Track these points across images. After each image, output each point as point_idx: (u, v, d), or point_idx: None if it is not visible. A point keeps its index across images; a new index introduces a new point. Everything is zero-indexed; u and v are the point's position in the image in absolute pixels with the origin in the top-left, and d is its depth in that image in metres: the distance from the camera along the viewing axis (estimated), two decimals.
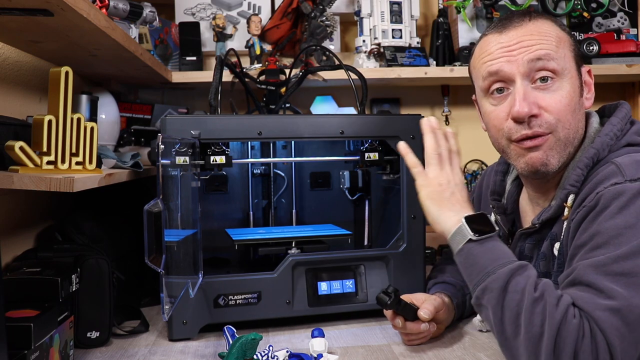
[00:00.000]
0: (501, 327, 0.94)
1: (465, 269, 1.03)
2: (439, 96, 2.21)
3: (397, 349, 1.20)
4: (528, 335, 0.89)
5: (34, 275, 1.09)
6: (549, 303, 0.90)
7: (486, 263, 0.98)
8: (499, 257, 0.98)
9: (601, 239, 0.93)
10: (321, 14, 1.98)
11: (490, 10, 2.02)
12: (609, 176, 0.98)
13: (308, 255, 1.39)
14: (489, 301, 0.96)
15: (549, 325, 0.88)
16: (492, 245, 1.01)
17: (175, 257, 1.14)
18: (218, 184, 1.62)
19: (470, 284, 1.02)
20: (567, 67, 1.06)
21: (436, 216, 1.09)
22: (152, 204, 1.02)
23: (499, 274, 0.95)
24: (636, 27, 2.12)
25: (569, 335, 0.87)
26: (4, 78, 1.33)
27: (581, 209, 0.99)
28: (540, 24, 1.08)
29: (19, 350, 0.90)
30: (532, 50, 1.05)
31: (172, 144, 1.18)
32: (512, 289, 0.93)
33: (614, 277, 0.89)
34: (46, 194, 1.21)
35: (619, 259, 0.90)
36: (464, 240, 1.02)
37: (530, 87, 1.05)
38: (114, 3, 1.45)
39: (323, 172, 1.70)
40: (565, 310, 0.89)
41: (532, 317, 0.90)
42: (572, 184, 1.04)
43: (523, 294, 0.92)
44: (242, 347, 1.04)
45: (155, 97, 2.10)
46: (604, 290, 0.88)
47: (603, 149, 1.04)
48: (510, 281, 0.94)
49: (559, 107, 1.04)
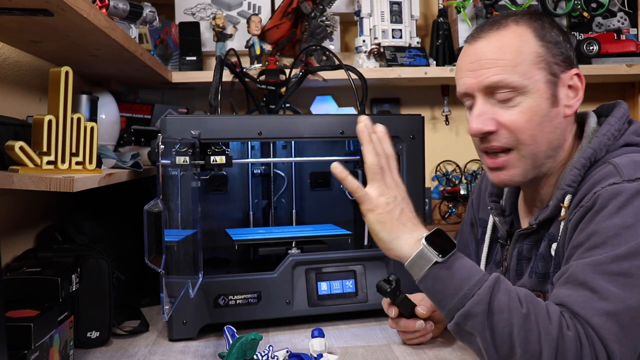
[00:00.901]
0: (494, 350, 0.89)
1: (434, 295, 0.96)
2: (439, 96, 2.21)
3: (397, 349, 1.20)
4: (526, 355, 0.87)
5: (34, 275, 1.09)
6: (540, 317, 0.88)
7: (458, 286, 0.92)
8: (471, 276, 0.92)
9: (599, 239, 0.92)
10: (321, 14, 1.98)
11: (490, 10, 2.01)
12: (606, 176, 0.97)
13: (308, 255, 1.39)
14: (474, 327, 0.90)
15: (546, 341, 0.86)
16: (460, 264, 0.94)
17: (175, 257, 1.14)
18: (218, 184, 1.62)
19: (443, 311, 0.96)
20: (529, 83, 1.02)
21: (389, 241, 0.99)
22: (152, 204, 1.02)
23: (479, 295, 0.90)
24: (636, 27, 2.12)
25: (568, 350, 0.85)
26: (4, 78, 1.33)
27: (578, 209, 0.98)
28: (504, 35, 1.05)
29: (19, 350, 0.90)
30: (488, 76, 1.03)
31: (172, 144, 1.18)
32: (497, 308, 0.89)
33: (610, 277, 0.88)
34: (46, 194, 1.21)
35: (617, 259, 0.89)
36: (428, 264, 0.94)
37: (491, 103, 1.05)
38: (114, 3, 1.45)
39: (323, 172, 1.70)
40: (559, 324, 0.87)
41: (527, 334, 0.87)
42: (569, 184, 1.03)
43: (510, 311, 0.88)
44: (242, 347, 1.04)
45: (155, 97, 2.10)
46: (599, 291, 0.87)
47: (600, 149, 1.03)
48: (493, 301, 0.89)
49: (518, 123, 1.02)
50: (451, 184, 2.21)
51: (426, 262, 0.95)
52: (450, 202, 2.22)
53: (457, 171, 2.24)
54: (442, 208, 2.22)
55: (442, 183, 2.23)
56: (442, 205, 2.23)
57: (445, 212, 2.22)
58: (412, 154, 1.40)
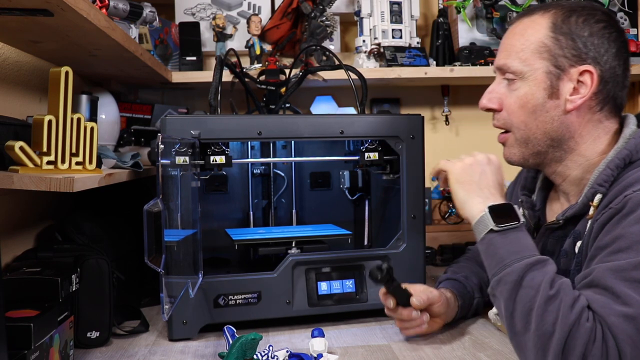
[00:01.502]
0: (511, 320, 0.94)
1: (485, 258, 1.03)
2: (439, 96, 2.21)
3: (397, 349, 1.20)
4: (538, 332, 0.89)
5: (34, 275, 1.09)
6: (564, 303, 0.90)
7: (504, 255, 0.98)
8: (519, 250, 0.98)
9: (624, 243, 0.92)
10: (321, 14, 1.98)
11: (490, 10, 2.02)
12: (639, 180, 0.97)
13: (308, 255, 1.39)
14: (501, 293, 0.96)
15: (561, 325, 0.88)
16: (514, 237, 1.00)
17: (175, 257, 1.14)
18: (218, 184, 1.62)
19: (489, 274, 1.02)
20: (528, 70, 1.08)
21: (463, 201, 1.08)
22: (152, 204, 1.02)
23: (515, 267, 0.95)
24: (636, 27, 2.12)
25: (580, 337, 0.86)
26: (4, 78, 1.33)
27: (607, 210, 0.99)
28: (522, 24, 1.12)
29: (19, 350, 0.90)
30: (499, 57, 1.14)
31: (172, 144, 1.18)
32: (526, 283, 0.93)
33: (632, 283, 0.89)
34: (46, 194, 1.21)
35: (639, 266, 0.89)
36: (485, 229, 1.02)
37: (503, 84, 1.13)
38: (114, 3, 1.45)
39: (323, 172, 1.70)
40: (579, 313, 0.88)
41: (544, 314, 0.90)
42: (600, 184, 1.04)
43: (538, 290, 0.92)
44: (242, 347, 1.04)
45: (155, 97, 2.10)
46: (621, 296, 0.88)
47: (637, 151, 1.04)
48: (526, 276, 0.94)
49: (514, 107, 1.11)
50: None
51: (484, 227, 1.02)
52: (450, 202, 2.21)
53: None
54: (442, 208, 2.22)
55: None
56: (442, 205, 2.23)
57: (445, 212, 2.22)
58: (412, 154, 1.40)
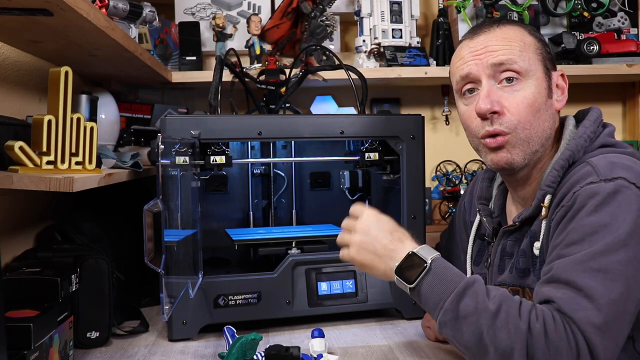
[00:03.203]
0: (468, 352, 0.95)
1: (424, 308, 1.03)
2: (439, 96, 2.21)
3: (397, 349, 1.20)
4: (498, 353, 0.90)
5: (33, 275, 1.09)
6: (510, 314, 0.91)
7: (434, 300, 0.98)
8: (443, 289, 0.98)
9: (577, 236, 0.96)
10: (321, 13, 1.98)
11: (490, 10, 2.01)
12: (584, 176, 1.01)
13: (308, 255, 1.39)
14: (449, 334, 0.96)
15: (516, 336, 0.89)
16: (431, 282, 0.99)
17: (175, 257, 1.14)
18: (218, 184, 1.62)
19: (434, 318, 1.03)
20: (532, 69, 1.10)
21: (383, 276, 1.07)
22: (152, 204, 1.01)
23: (446, 305, 0.96)
24: (636, 26, 2.12)
25: (538, 342, 0.88)
26: (4, 78, 1.33)
27: (559, 208, 1.02)
28: (507, 30, 1.13)
29: (19, 350, 0.90)
30: (496, 55, 1.10)
31: (172, 144, 1.18)
32: (463, 313, 0.94)
33: (591, 273, 0.91)
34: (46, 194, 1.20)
35: (595, 255, 0.92)
36: (406, 289, 1.03)
37: (496, 87, 1.11)
38: (113, 3, 1.45)
39: (323, 172, 1.70)
40: (528, 318, 0.90)
41: (496, 332, 0.90)
42: (548, 185, 1.08)
43: (478, 313, 0.93)
44: (242, 347, 1.04)
45: (155, 97, 2.10)
46: (583, 288, 0.90)
47: (578, 151, 1.08)
48: (459, 307, 0.94)
49: (520, 107, 1.09)
50: (451, 184, 2.21)
51: (404, 287, 1.03)
52: (450, 202, 2.21)
53: (457, 171, 2.23)
54: (442, 208, 2.22)
55: (442, 183, 2.23)
56: (442, 205, 2.22)
57: (445, 212, 2.21)
58: (412, 154, 1.40)
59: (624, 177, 0.97)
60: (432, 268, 1.00)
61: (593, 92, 2.23)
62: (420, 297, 1.01)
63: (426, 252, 1.03)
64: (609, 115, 2.29)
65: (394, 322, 1.37)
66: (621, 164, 1.00)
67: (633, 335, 1.02)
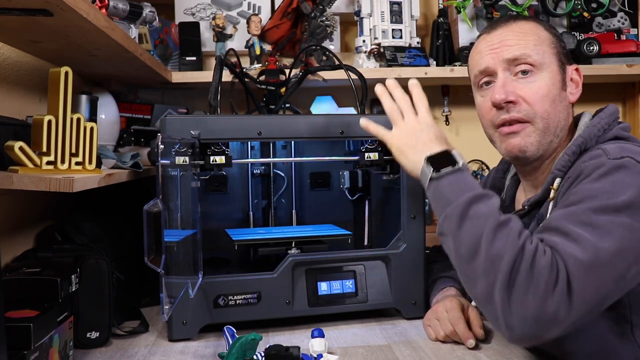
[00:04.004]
0: (459, 251, 0.98)
1: (433, 204, 1.08)
2: (439, 96, 2.21)
3: (397, 349, 1.20)
4: (488, 256, 0.93)
5: (33, 276, 1.09)
6: (512, 230, 0.94)
7: (448, 195, 1.03)
8: (462, 189, 1.02)
9: (576, 197, 0.98)
10: (321, 14, 1.98)
11: (490, 10, 2.02)
12: (593, 157, 1.04)
13: (308, 255, 1.39)
14: (449, 228, 1.00)
15: (510, 248, 0.92)
16: (455, 178, 1.04)
17: (175, 257, 1.14)
18: (218, 184, 1.62)
19: (437, 216, 1.07)
20: (547, 62, 1.14)
21: (410, 166, 1.14)
22: (151, 204, 1.01)
23: (458, 201, 1.00)
24: (636, 27, 2.12)
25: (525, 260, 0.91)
26: (4, 78, 1.33)
27: (565, 180, 1.06)
28: (523, 25, 1.18)
29: (19, 351, 0.90)
30: (512, 50, 1.15)
31: (171, 144, 1.18)
32: (472, 214, 0.98)
33: (582, 224, 0.94)
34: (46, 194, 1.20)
35: (589, 211, 0.95)
36: (427, 178, 1.07)
37: (511, 78, 1.15)
38: (113, 3, 1.45)
39: (323, 172, 1.70)
40: (525, 238, 0.94)
41: (494, 239, 0.94)
42: (558, 169, 1.11)
43: (486, 218, 0.96)
44: (242, 347, 1.04)
45: (155, 97, 2.10)
46: (571, 234, 0.93)
47: (590, 139, 1.11)
48: (470, 208, 0.98)
49: (536, 97, 1.12)
50: None
51: (425, 177, 1.08)
52: None
53: None
54: None
55: None
56: None
57: None
58: None
59: (631, 156, 1.00)
60: (462, 169, 1.06)
61: (593, 92, 2.23)
62: (437, 188, 1.05)
63: (461, 157, 1.08)
64: None
65: (394, 322, 1.37)
66: (631, 149, 1.02)
67: (632, 320, 1.02)
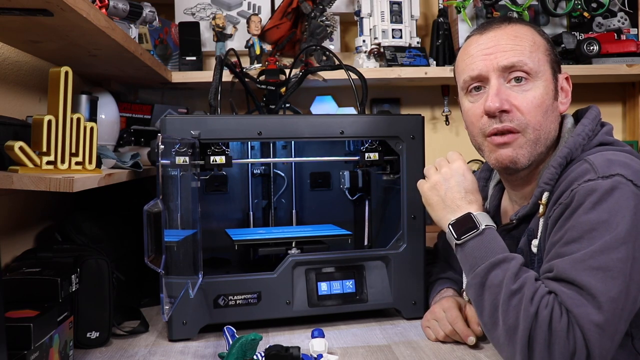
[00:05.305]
0: (482, 319, 1.02)
1: (463, 265, 1.10)
2: (439, 96, 2.21)
3: (397, 349, 1.20)
4: (505, 327, 0.96)
5: (33, 276, 1.09)
6: (525, 296, 0.95)
7: (471, 262, 1.06)
8: (482, 256, 1.05)
9: (576, 233, 0.98)
10: (321, 14, 1.98)
11: (490, 10, 2.01)
12: (582, 174, 1.02)
13: (308, 255, 1.39)
14: (472, 296, 1.04)
15: (523, 317, 0.94)
16: (477, 244, 1.07)
17: (175, 257, 1.14)
18: (218, 184, 1.62)
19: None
20: (541, 70, 1.11)
21: (436, 220, 1.17)
22: (151, 204, 1.01)
23: (478, 270, 1.03)
24: (636, 27, 2.12)
25: (540, 327, 0.92)
26: (4, 78, 1.33)
27: (557, 206, 1.04)
28: (518, 28, 1.13)
29: (19, 351, 0.90)
30: (507, 57, 1.10)
31: (171, 144, 1.18)
32: (489, 283, 1.01)
33: (591, 271, 0.93)
34: (46, 194, 1.21)
35: (595, 254, 0.94)
36: (453, 244, 1.11)
37: (505, 86, 1.11)
38: (113, 3, 1.45)
39: (323, 172, 1.70)
40: (539, 302, 0.94)
41: (508, 309, 0.96)
42: (546, 182, 1.09)
43: (500, 287, 0.99)
44: (242, 347, 1.04)
45: (155, 97, 2.10)
46: (585, 287, 0.93)
47: (576, 149, 1.09)
48: (488, 276, 1.01)
49: (530, 106, 1.09)
50: None
51: (451, 241, 1.11)
52: None
53: None
54: None
55: None
56: None
57: None
58: (412, 154, 1.40)
59: (621, 174, 0.98)
60: (483, 233, 1.08)
61: (593, 92, 2.23)
62: (462, 254, 1.09)
63: (483, 218, 1.10)
64: (609, 115, 2.29)
65: (394, 322, 1.37)
66: (619, 161, 1.01)
67: (632, 332, 1.02)
